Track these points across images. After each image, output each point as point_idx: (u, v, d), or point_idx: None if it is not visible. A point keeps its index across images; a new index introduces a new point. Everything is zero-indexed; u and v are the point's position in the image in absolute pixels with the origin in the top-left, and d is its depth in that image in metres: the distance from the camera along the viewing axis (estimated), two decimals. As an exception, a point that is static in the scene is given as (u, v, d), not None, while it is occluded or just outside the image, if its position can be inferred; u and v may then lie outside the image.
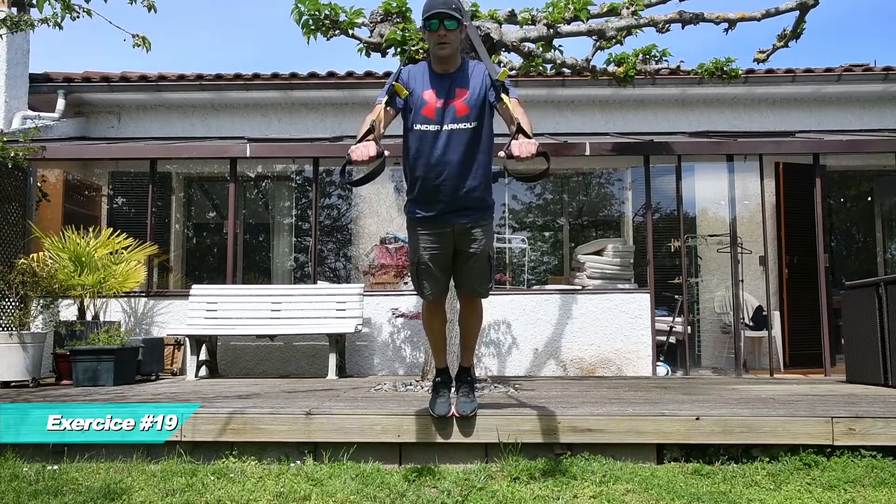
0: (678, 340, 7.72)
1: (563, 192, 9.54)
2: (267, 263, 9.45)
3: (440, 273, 3.47)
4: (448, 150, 3.25)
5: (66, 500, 2.99)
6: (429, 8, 3.25)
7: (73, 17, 4.75)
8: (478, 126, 3.28)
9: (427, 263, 3.42)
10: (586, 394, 4.77)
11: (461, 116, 3.25)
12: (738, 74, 6.63)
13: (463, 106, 3.26)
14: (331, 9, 5.47)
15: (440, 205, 3.31)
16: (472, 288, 3.52)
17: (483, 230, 3.40)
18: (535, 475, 3.25)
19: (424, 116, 3.27)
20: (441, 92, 3.28)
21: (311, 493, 3.06)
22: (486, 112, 3.31)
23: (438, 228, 3.37)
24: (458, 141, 3.25)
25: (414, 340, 7.28)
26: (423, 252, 3.42)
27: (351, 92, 8.74)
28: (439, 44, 3.27)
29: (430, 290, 3.49)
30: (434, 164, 3.26)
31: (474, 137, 3.28)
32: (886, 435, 3.48)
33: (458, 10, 3.24)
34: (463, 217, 3.34)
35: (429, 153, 3.27)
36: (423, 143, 3.27)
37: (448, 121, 3.25)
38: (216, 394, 4.76)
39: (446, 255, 3.43)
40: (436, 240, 3.39)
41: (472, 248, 3.39)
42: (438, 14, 3.20)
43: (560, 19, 5.73)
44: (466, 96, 3.27)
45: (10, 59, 8.09)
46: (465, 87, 3.29)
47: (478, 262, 3.42)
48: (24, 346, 5.93)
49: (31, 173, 7.17)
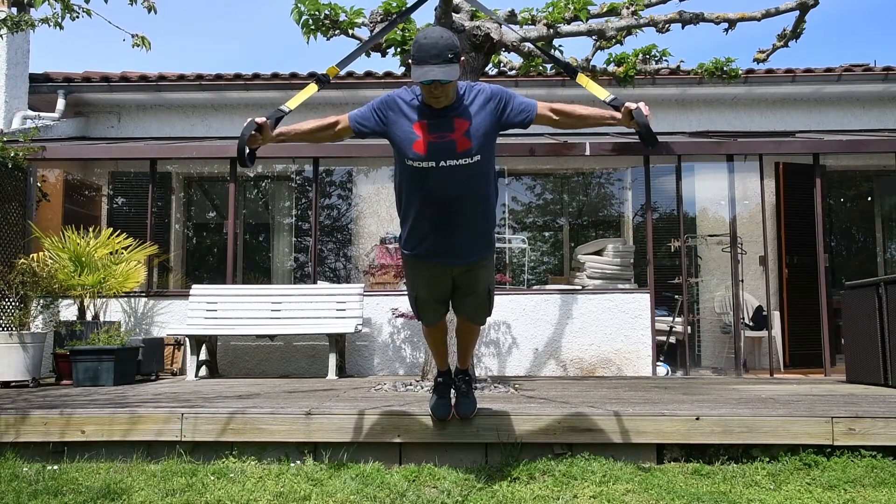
0: (678, 340, 7.72)
1: (563, 192, 9.54)
2: (267, 263, 9.45)
3: (439, 306, 3.32)
4: (446, 188, 2.92)
5: (66, 500, 2.99)
6: (419, 59, 2.78)
7: (73, 17, 4.75)
8: (480, 160, 2.94)
9: (425, 300, 3.28)
10: (586, 394, 4.77)
11: (462, 151, 2.90)
12: (738, 74, 6.64)
13: (464, 139, 2.90)
14: (331, 9, 5.48)
15: (440, 245, 3.04)
16: (472, 317, 3.40)
17: (485, 269, 3.20)
18: (535, 475, 3.25)
19: (415, 153, 2.91)
20: (434, 125, 2.91)
21: (311, 493, 3.06)
22: (490, 144, 2.98)
23: (436, 269, 3.15)
24: (458, 177, 2.92)
25: (414, 340, 7.28)
26: (419, 289, 3.26)
27: (351, 92, 8.75)
28: (434, 98, 2.86)
29: (428, 319, 3.39)
30: (430, 202, 2.96)
31: (476, 172, 2.96)
32: (886, 435, 3.47)
33: (455, 56, 2.79)
34: (462, 259, 3.10)
35: (424, 190, 2.95)
36: (415, 179, 2.96)
37: (445, 156, 2.89)
38: (216, 394, 4.75)
39: (444, 290, 3.24)
40: (433, 278, 3.19)
41: (472, 287, 3.23)
42: (432, 79, 2.76)
43: (560, 19, 5.73)
44: (467, 128, 2.91)
45: (10, 59, 8.09)
46: (465, 118, 2.91)
47: (478, 299, 3.28)
48: (24, 346, 5.93)
49: (31, 173, 7.17)
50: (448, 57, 2.77)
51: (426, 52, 2.77)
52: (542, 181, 9.47)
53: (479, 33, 5.32)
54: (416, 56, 2.80)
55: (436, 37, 2.80)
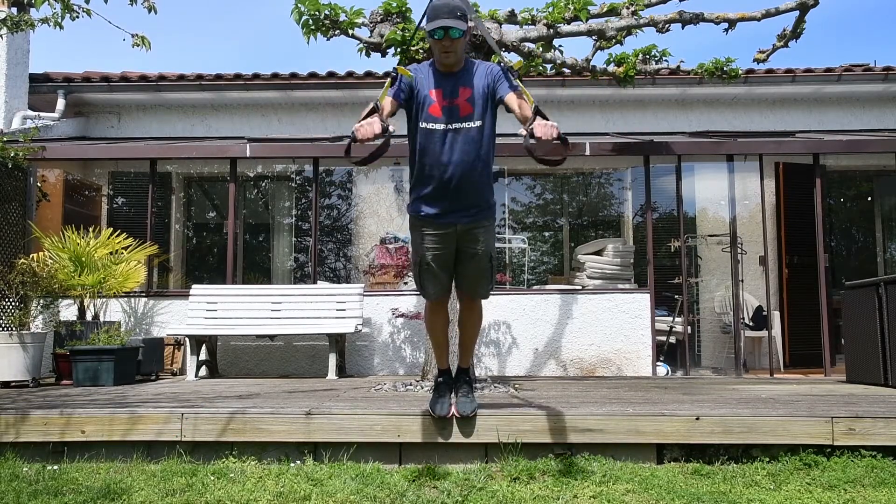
0: (678, 340, 7.73)
1: (563, 192, 9.54)
2: (267, 263, 9.45)
3: (443, 273, 3.49)
4: (453, 149, 3.27)
5: (66, 500, 2.99)
6: (433, 16, 3.23)
7: (73, 17, 4.75)
8: (481, 125, 3.30)
9: (430, 263, 3.44)
10: (586, 394, 4.77)
11: (465, 115, 3.27)
12: (738, 74, 6.63)
13: (466, 105, 3.28)
14: (331, 9, 5.47)
15: (445, 202, 3.33)
16: (473, 289, 3.55)
17: (485, 230, 3.44)
18: (535, 475, 3.25)
19: (431, 115, 3.28)
20: (446, 91, 3.29)
21: (311, 493, 3.06)
22: (489, 111, 3.33)
23: (442, 228, 3.39)
24: (463, 139, 3.27)
25: (414, 340, 7.28)
26: (426, 252, 3.44)
27: (351, 92, 8.75)
28: (444, 52, 3.27)
29: (432, 289, 3.52)
30: (440, 162, 3.28)
31: (478, 136, 3.30)
32: (886, 435, 3.48)
33: (463, 16, 3.23)
34: (466, 216, 3.36)
35: (435, 151, 3.28)
36: (428, 140, 3.29)
37: (453, 120, 3.27)
38: (216, 394, 4.75)
39: (449, 254, 3.45)
40: (439, 239, 3.41)
41: (474, 249, 3.42)
42: (443, 25, 3.18)
43: (560, 19, 5.73)
44: (470, 95, 3.29)
45: (10, 59, 8.09)
46: (468, 85, 3.30)
47: (480, 262, 3.45)
48: (24, 346, 5.93)
49: (31, 173, 7.17)
50: (458, 14, 3.19)
51: (439, 10, 3.20)
52: (542, 181, 9.47)
53: (478, 33, 5.32)
54: (431, 14, 3.23)
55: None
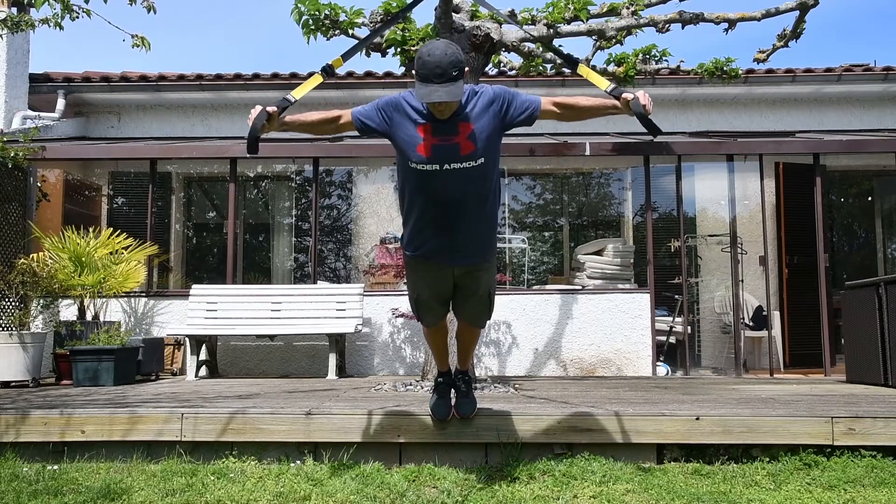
0: (678, 340, 7.72)
1: (563, 192, 9.54)
2: (267, 263, 9.45)
3: (441, 307, 3.33)
4: (449, 190, 2.93)
5: (66, 500, 2.99)
6: (422, 77, 2.77)
7: (73, 17, 4.75)
8: (485, 162, 2.94)
9: (426, 300, 3.28)
10: (586, 394, 4.77)
11: (466, 154, 2.90)
12: (738, 74, 6.64)
13: (468, 143, 2.90)
14: (331, 9, 5.48)
15: (439, 246, 3.05)
16: (472, 320, 3.40)
17: (486, 271, 3.20)
18: (535, 475, 3.25)
19: (419, 155, 2.91)
20: (439, 129, 2.90)
21: (311, 493, 3.06)
22: (494, 146, 2.98)
23: (438, 270, 3.15)
24: (462, 180, 2.92)
25: (414, 340, 7.28)
26: (421, 290, 3.26)
27: (351, 92, 8.75)
28: (438, 111, 2.87)
29: (430, 319, 3.39)
30: (433, 204, 2.97)
31: (480, 175, 2.95)
32: (886, 435, 3.48)
33: (459, 71, 2.77)
34: (464, 259, 3.10)
35: (427, 192, 2.96)
36: (419, 181, 2.96)
37: (449, 159, 2.89)
38: (216, 394, 4.75)
39: (447, 289, 3.24)
40: (435, 279, 3.20)
41: (474, 288, 3.23)
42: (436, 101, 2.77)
43: (560, 19, 5.73)
44: (471, 131, 2.90)
45: (10, 59, 8.09)
46: (469, 121, 2.90)
47: (478, 301, 3.29)
48: (24, 346, 5.93)
49: (31, 173, 7.17)
50: (452, 75, 2.75)
51: (430, 72, 2.75)
52: (542, 181, 9.47)
53: (479, 33, 5.32)
54: (420, 73, 2.78)
55: (439, 55, 2.76)
